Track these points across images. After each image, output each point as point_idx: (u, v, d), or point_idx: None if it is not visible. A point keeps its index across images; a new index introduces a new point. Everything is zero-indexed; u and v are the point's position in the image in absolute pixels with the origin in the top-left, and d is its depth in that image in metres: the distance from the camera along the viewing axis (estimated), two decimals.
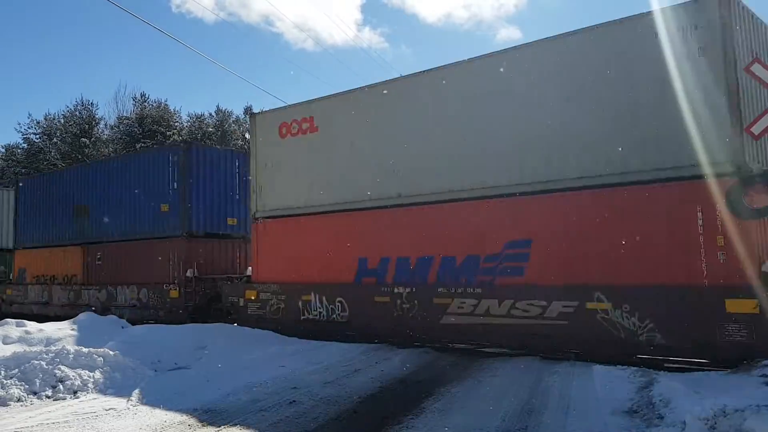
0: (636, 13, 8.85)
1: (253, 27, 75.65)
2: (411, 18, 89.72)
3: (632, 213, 8.59)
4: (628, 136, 8.66)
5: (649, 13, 8.61)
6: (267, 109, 14.92)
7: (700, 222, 8.03)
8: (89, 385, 7.89)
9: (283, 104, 14.57)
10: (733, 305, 7.62)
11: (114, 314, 14.98)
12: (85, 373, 8.09)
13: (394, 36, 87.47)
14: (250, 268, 13.89)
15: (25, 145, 47.99)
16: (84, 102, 48.56)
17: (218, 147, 16.18)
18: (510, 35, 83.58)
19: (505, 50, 10.31)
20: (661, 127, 8.36)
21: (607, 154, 8.82)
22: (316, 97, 12.80)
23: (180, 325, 12.46)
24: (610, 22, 9.09)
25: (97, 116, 49.22)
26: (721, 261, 7.87)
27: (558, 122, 9.33)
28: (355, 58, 79.26)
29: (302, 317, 12.09)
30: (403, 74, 12.00)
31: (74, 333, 10.90)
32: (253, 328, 12.37)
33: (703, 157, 7.99)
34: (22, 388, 7.58)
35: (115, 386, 7.96)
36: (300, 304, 12.14)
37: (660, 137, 8.38)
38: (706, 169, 7.97)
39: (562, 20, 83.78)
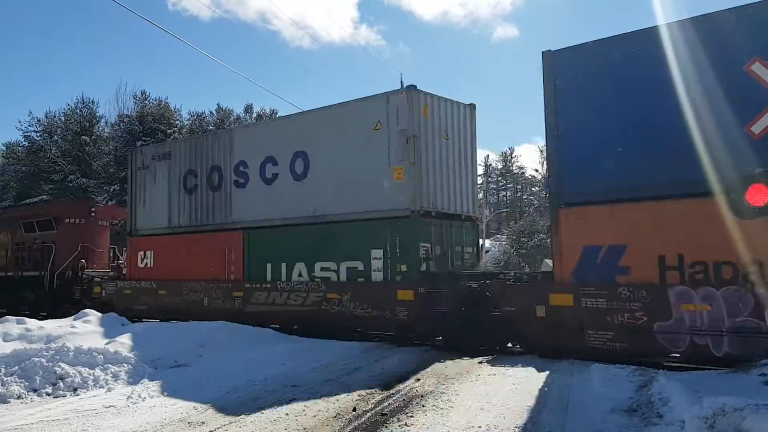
0: None
1: (250, 25, 75.64)
2: (407, 15, 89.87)
3: None
4: None
5: None
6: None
7: None
8: (89, 382, 7.91)
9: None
10: None
11: None
12: (85, 371, 8.11)
13: (391, 34, 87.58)
14: None
15: (26, 143, 48.01)
16: (85, 100, 48.61)
17: None
18: (507, 33, 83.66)
19: None
20: None
21: None
22: None
23: (180, 323, 12.46)
24: None
25: (97, 114, 49.29)
26: None
27: None
28: (352, 56, 79.29)
29: None
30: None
31: (75, 330, 10.89)
32: None
33: None
34: (23, 385, 7.60)
35: (115, 384, 7.98)
36: None
37: None
38: None
39: (560, 17, 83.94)
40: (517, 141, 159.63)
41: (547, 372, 8.34)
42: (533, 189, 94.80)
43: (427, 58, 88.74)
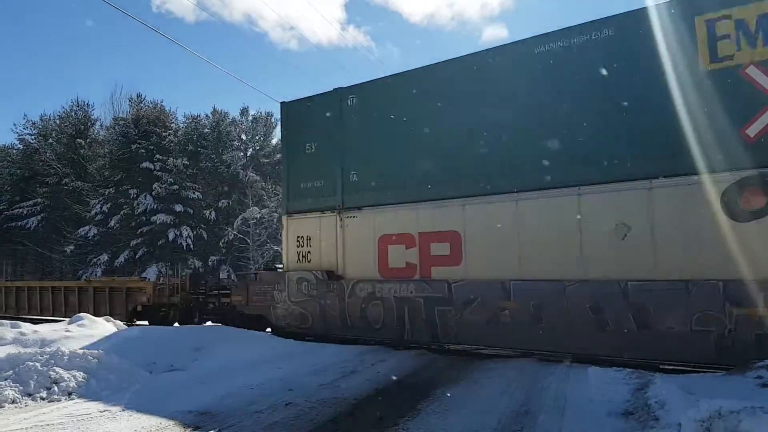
0: None
1: (236, 27, 75.42)
2: (394, 15, 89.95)
3: None
4: None
5: None
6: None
7: None
8: (84, 386, 7.86)
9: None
10: None
11: None
12: (80, 375, 8.06)
13: (378, 35, 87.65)
14: None
15: (21, 146, 47.93)
16: (80, 103, 48.59)
17: None
18: (496, 34, 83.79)
19: None
20: None
21: None
22: None
23: (175, 327, 12.43)
24: None
25: (92, 117, 49.22)
26: None
27: None
28: (341, 57, 79.13)
29: None
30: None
31: (70, 335, 10.84)
32: None
33: None
34: (17, 389, 7.54)
35: (110, 388, 7.93)
36: None
37: None
38: None
39: (548, 16, 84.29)
40: None
41: (544, 375, 8.34)
42: None
43: (417, 58, 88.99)
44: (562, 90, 9.72)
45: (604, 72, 9.31)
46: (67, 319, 12.73)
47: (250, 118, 52.30)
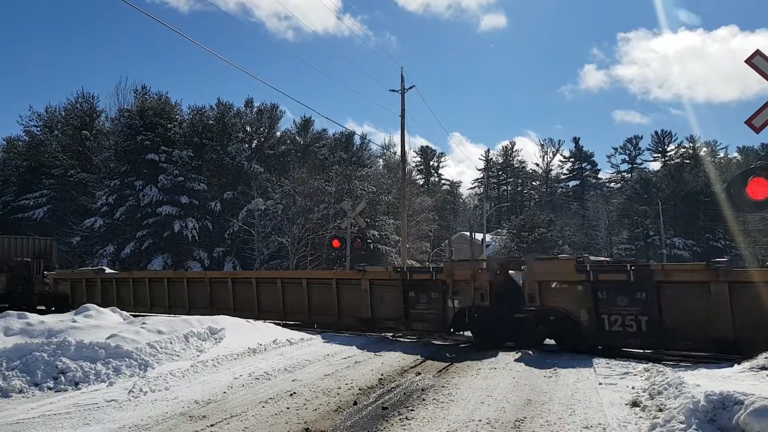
0: None
1: (231, 17, 75.44)
2: (390, 3, 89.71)
3: None
4: None
5: None
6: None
7: None
8: (91, 376, 7.91)
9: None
10: None
11: None
12: (86, 365, 8.12)
13: (375, 23, 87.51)
14: None
15: (27, 138, 48.09)
16: (85, 94, 48.67)
17: None
18: (495, 23, 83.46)
19: None
20: None
21: None
22: None
23: (183, 316, 12.47)
24: None
25: (98, 109, 49.31)
26: None
27: None
28: (339, 46, 79.01)
29: None
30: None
31: (76, 325, 10.89)
32: None
33: None
34: (24, 379, 7.60)
35: (116, 378, 7.98)
36: None
37: None
38: None
39: (548, 4, 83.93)
40: (508, 134, 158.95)
41: (549, 365, 8.35)
42: (533, 183, 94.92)
43: (415, 47, 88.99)
44: None
45: None
46: (74, 310, 12.79)
47: (254, 109, 52.23)
